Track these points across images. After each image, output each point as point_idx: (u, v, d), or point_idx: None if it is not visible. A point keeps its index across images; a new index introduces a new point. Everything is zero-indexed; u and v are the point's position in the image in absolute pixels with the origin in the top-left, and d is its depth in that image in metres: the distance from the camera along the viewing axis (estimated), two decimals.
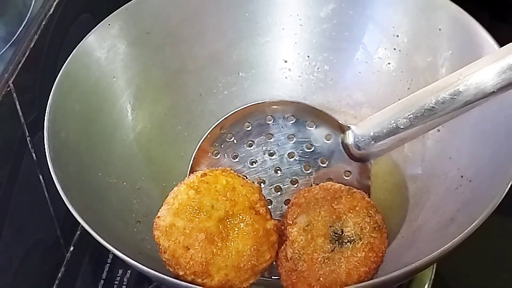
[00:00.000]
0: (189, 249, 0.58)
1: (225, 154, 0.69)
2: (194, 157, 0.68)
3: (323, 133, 0.68)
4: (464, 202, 0.61)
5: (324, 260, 0.59)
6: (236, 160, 0.69)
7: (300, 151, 0.69)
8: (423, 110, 0.59)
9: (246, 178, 0.64)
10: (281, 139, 0.69)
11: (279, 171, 0.69)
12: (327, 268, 0.59)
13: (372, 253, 0.59)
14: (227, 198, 0.61)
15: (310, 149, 0.69)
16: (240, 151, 0.69)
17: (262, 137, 0.69)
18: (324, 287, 0.58)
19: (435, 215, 0.64)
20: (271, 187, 0.69)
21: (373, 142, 0.64)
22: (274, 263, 0.62)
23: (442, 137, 0.69)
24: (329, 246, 0.60)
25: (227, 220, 0.60)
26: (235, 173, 0.63)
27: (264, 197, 0.63)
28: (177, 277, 0.58)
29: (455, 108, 0.58)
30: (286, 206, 0.66)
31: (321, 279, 0.59)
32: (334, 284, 0.58)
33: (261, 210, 0.61)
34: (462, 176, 0.63)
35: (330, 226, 0.60)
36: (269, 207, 0.66)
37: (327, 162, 0.68)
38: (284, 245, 0.61)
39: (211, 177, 0.62)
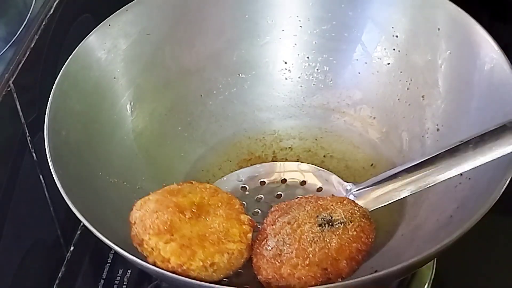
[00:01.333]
0: (157, 212, 0.58)
1: None
2: None
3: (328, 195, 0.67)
4: (463, 199, 0.61)
5: (313, 239, 0.57)
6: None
7: None
8: (424, 185, 0.61)
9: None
10: (289, 198, 0.67)
11: None
12: (317, 245, 0.57)
13: (363, 234, 0.58)
14: (206, 190, 0.62)
15: None
16: (248, 201, 0.69)
17: (271, 196, 0.69)
18: (313, 264, 0.56)
19: (435, 213, 0.64)
20: None
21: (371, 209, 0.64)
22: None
23: (441, 136, 0.70)
24: (318, 228, 0.58)
25: (202, 205, 0.60)
26: None
27: (244, 207, 0.64)
28: (141, 244, 0.58)
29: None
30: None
31: (310, 256, 0.56)
32: (325, 259, 0.56)
33: (237, 207, 0.62)
34: (461, 174, 0.63)
35: (317, 216, 0.59)
36: None
37: None
38: (264, 241, 0.59)
39: (195, 181, 0.64)
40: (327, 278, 0.56)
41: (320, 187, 0.70)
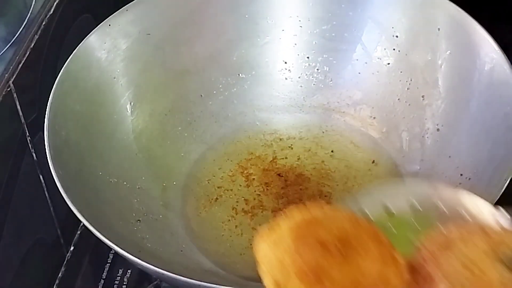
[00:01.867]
0: (299, 249, 0.45)
1: None
2: None
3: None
4: None
5: (505, 285, 0.42)
6: None
7: None
8: None
9: None
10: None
11: None
12: None
13: None
14: (345, 219, 0.48)
15: None
16: None
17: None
18: None
19: None
20: None
21: None
22: None
23: (441, 136, 0.70)
24: (505, 270, 0.43)
25: (345, 239, 0.46)
26: None
27: None
28: (279, 287, 0.45)
29: None
30: None
31: None
32: None
33: (385, 241, 0.48)
34: (461, 175, 0.63)
35: (496, 253, 0.44)
36: None
37: None
38: (430, 284, 0.45)
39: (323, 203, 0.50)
40: None
41: None
